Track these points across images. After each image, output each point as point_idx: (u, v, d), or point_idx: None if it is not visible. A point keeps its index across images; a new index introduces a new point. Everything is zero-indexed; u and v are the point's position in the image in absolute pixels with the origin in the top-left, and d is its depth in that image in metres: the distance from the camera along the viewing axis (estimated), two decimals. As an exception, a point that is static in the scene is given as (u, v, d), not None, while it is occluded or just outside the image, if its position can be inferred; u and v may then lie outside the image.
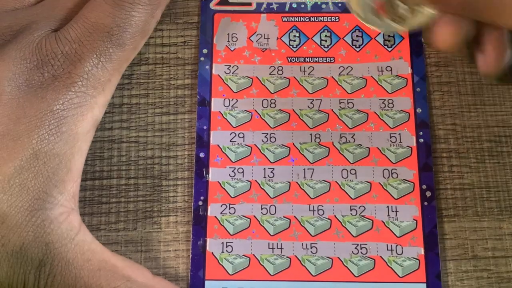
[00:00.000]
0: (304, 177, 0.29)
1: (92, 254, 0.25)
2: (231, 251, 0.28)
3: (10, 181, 0.24)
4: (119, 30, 0.26)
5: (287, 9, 0.32)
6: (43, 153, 0.24)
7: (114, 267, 0.25)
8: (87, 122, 0.26)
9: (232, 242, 0.28)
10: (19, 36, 0.26)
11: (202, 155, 0.30)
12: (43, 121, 0.24)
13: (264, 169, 0.30)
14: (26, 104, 0.24)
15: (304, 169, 0.29)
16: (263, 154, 0.30)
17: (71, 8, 0.27)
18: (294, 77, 0.31)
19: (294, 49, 0.31)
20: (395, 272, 0.28)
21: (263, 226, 0.29)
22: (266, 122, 0.30)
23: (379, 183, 0.29)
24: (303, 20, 0.32)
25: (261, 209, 0.29)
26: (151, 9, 0.27)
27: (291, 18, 0.32)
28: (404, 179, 0.29)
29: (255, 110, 0.30)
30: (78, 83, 0.25)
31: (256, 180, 0.29)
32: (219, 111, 0.30)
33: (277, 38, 0.31)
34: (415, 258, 0.28)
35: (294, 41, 0.32)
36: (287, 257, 0.28)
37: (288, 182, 0.29)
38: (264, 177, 0.29)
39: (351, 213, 0.29)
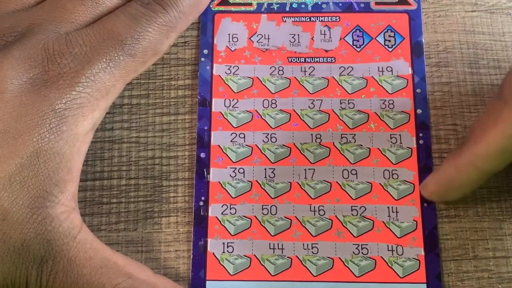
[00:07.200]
0: (305, 177, 0.29)
1: (94, 252, 0.25)
2: (232, 251, 0.28)
3: (11, 178, 0.24)
4: (132, 41, 0.26)
5: (287, 9, 0.32)
6: (44, 151, 0.24)
7: (116, 264, 0.26)
8: (87, 124, 0.26)
9: (233, 243, 0.28)
10: (22, 38, 0.26)
11: (202, 155, 0.30)
12: (44, 119, 0.24)
13: (265, 169, 0.29)
14: (28, 102, 0.25)
15: (305, 169, 0.29)
16: (264, 154, 0.30)
17: (70, 10, 0.27)
18: (295, 77, 0.31)
19: (296, 49, 0.31)
20: (396, 273, 0.28)
21: (264, 227, 0.29)
22: (266, 122, 0.30)
23: (380, 183, 0.29)
24: (304, 20, 0.32)
25: (262, 209, 0.29)
26: (167, 30, 0.28)
27: (291, 18, 0.32)
28: (405, 180, 0.29)
29: (256, 110, 0.30)
30: (83, 83, 0.25)
31: (257, 181, 0.29)
32: (220, 112, 0.30)
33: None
34: (415, 259, 0.28)
35: (295, 41, 0.32)
36: (288, 257, 0.28)
37: (289, 182, 0.29)
38: (265, 177, 0.29)
39: (352, 214, 0.29)
